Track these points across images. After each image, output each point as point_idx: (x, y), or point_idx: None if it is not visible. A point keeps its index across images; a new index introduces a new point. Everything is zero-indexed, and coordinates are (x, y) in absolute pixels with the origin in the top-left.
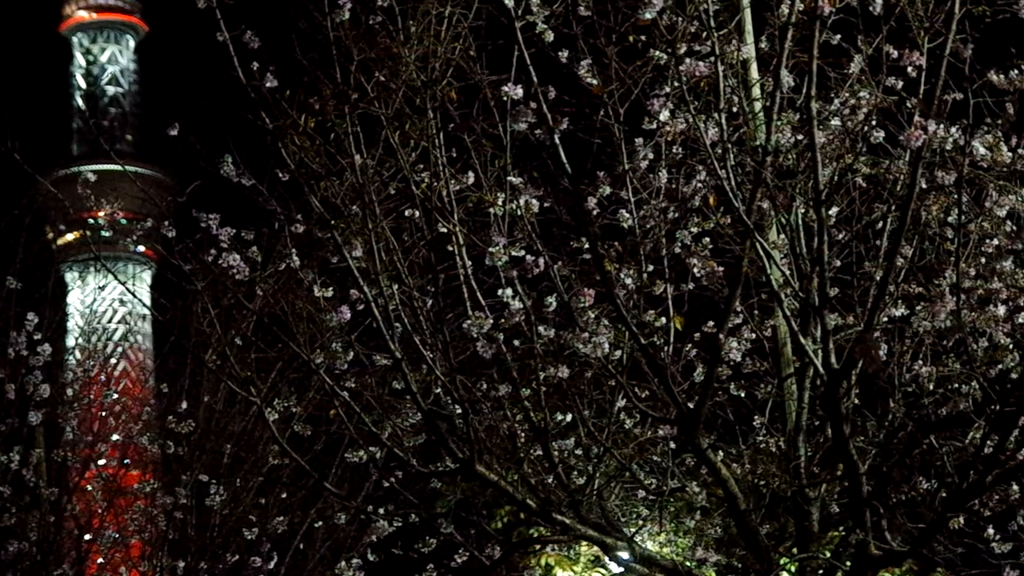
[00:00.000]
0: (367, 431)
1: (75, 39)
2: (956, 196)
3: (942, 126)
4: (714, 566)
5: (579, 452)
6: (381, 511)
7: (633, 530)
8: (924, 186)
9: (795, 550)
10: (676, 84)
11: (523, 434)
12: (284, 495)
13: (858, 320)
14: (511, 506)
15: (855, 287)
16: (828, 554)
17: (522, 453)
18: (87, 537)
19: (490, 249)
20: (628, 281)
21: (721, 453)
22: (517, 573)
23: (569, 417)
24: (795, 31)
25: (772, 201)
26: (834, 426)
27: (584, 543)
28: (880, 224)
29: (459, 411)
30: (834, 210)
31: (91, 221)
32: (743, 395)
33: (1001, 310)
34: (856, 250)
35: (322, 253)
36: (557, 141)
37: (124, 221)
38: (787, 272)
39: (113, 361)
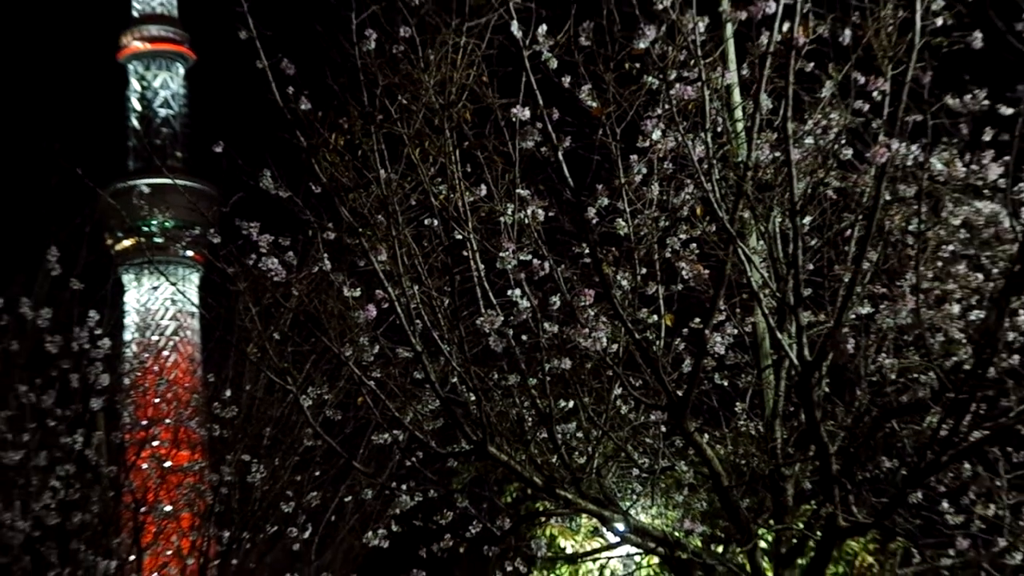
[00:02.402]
0: (391, 416)
1: (131, 67)
2: (916, 207)
3: (904, 144)
4: (700, 536)
5: (580, 435)
6: (403, 487)
7: (628, 504)
8: (888, 198)
9: (772, 522)
10: (667, 106)
11: (530, 419)
12: (317, 473)
13: (828, 317)
14: (519, 483)
15: (826, 288)
16: (801, 525)
17: (529, 436)
18: (143, 510)
19: (501, 254)
20: (624, 282)
21: (706, 436)
22: (524, 542)
23: (571, 404)
24: (773, 59)
25: (752, 211)
26: (807, 412)
27: (584, 516)
28: (848, 232)
29: (473, 398)
30: (807, 219)
31: (145, 229)
32: (726, 384)
33: (956, 308)
34: (827, 255)
35: (351, 257)
36: (560, 157)
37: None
38: (765, 274)
39: (165, 353)
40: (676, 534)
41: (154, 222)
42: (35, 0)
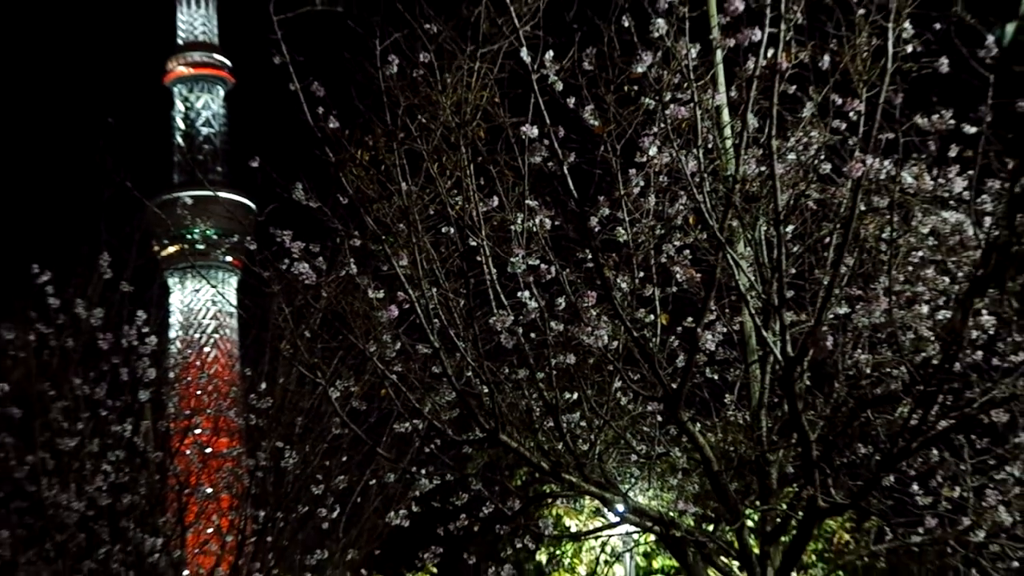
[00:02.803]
0: (411, 406)
1: (176, 89)
2: (889, 216)
3: (877, 160)
4: (692, 516)
5: (583, 424)
6: (422, 471)
7: (627, 487)
8: (863, 208)
9: (758, 503)
10: (662, 125)
11: (538, 409)
12: (344, 458)
13: (809, 317)
14: (528, 467)
15: (807, 290)
16: (784, 506)
17: (537, 425)
18: (186, 492)
19: (511, 259)
20: (623, 285)
21: (698, 425)
22: (533, 522)
23: (575, 396)
24: (758, 82)
25: (740, 220)
26: (790, 403)
27: (587, 498)
28: (827, 239)
29: (486, 391)
30: (790, 228)
31: (188, 237)
32: (716, 378)
33: (925, 309)
34: (808, 260)
35: (375, 262)
36: (565, 171)
37: (211, 233)
38: (752, 278)
39: (206, 350)
40: (671, 514)
41: (196, 230)
42: (90, 31)
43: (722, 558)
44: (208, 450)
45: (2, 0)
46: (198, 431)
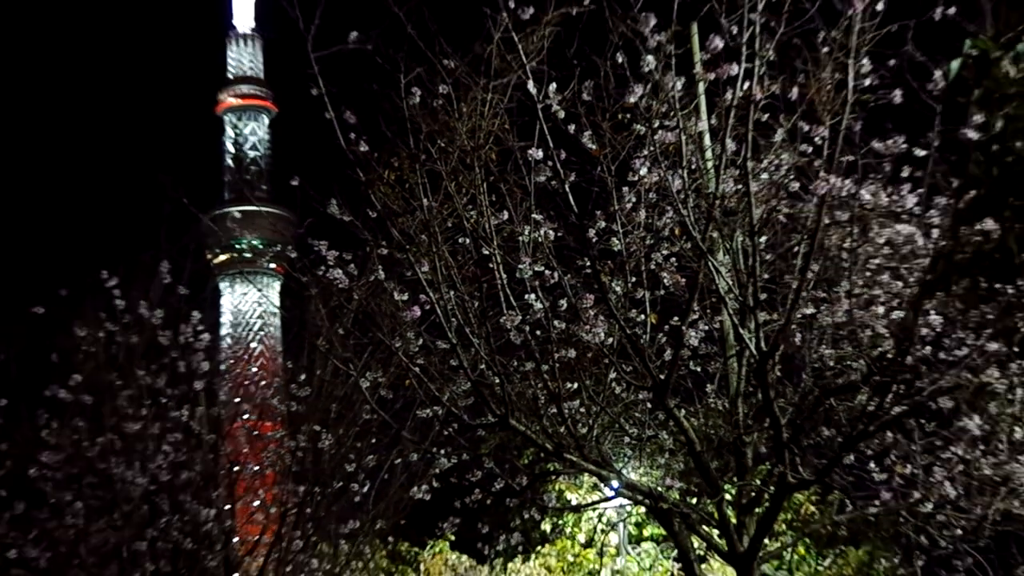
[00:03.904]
0: (432, 395)
1: (226, 118)
2: (849, 229)
3: (839, 179)
4: (678, 490)
5: (582, 410)
6: (442, 451)
7: (621, 465)
8: (827, 221)
9: (735, 479)
10: (651, 148)
11: (542, 397)
12: (373, 440)
13: (780, 316)
14: (534, 448)
15: (778, 293)
16: (758, 482)
17: (542, 411)
18: (235, 469)
19: (519, 266)
20: (617, 288)
21: (683, 411)
22: (538, 496)
23: (575, 385)
24: (736, 111)
25: (719, 232)
26: (763, 392)
27: (586, 475)
28: (796, 248)
29: (497, 381)
30: (763, 238)
31: (237, 246)
32: (699, 369)
33: (881, 309)
34: (779, 267)
35: (400, 269)
36: (567, 189)
37: (257, 243)
38: (730, 282)
39: (253, 345)
40: (659, 489)
41: (244, 241)
42: (152, 69)
43: (704, 527)
44: (255, 433)
45: (76, 46)
46: (246, 416)
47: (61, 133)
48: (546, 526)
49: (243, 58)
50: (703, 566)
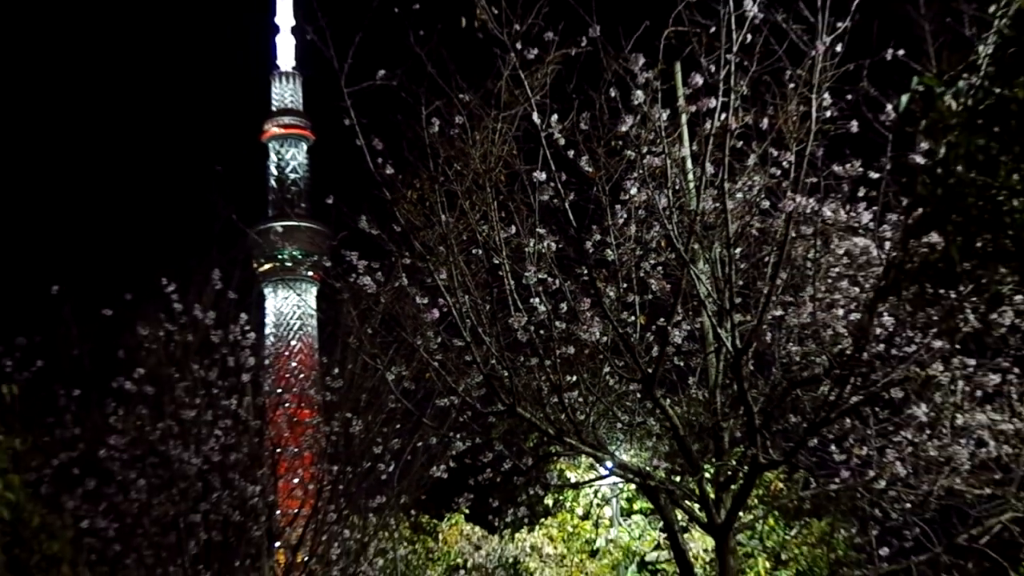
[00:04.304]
0: (449, 386)
1: (271, 145)
2: (813, 241)
3: (804, 198)
4: (664, 469)
5: (580, 400)
6: (457, 436)
7: (614, 448)
8: (793, 235)
9: (714, 459)
10: (640, 171)
11: (545, 388)
12: (398, 426)
13: (753, 317)
14: (538, 433)
15: (751, 297)
16: (734, 462)
17: (545, 400)
18: (278, 451)
19: (525, 273)
20: (611, 293)
21: (668, 400)
22: (542, 474)
23: (574, 378)
24: (714, 139)
25: (700, 244)
26: (738, 383)
27: (583, 456)
28: (766, 258)
29: (506, 374)
30: (738, 250)
31: (279, 257)
32: (682, 364)
33: (840, 312)
34: (751, 274)
35: (421, 276)
36: (566, 206)
37: (297, 253)
38: (709, 288)
39: (293, 343)
40: (647, 468)
41: (285, 252)
42: (208, 103)
43: (686, 501)
44: (294, 419)
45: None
46: (287, 405)
47: (127, 159)
48: (548, 501)
49: (285, 93)
50: (685, 535)
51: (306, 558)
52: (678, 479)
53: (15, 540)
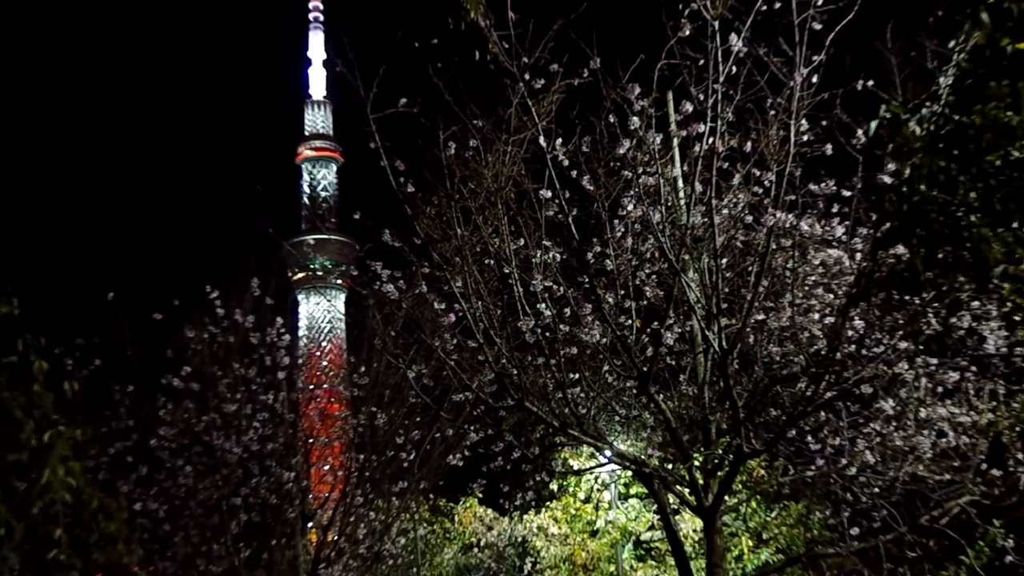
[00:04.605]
0: (464, 383)
1: (304, 166)
2: (791, 253)
3: (783, 214)
4: (657, 458)
5: (582, 395)
6: (471, 427)
7: (612, 438)
8: (774, 247)
9: (702, 449)
10: (636, 189)
11: (551, 385)
12: (418, 419)
13: (738, 321)
14: (544, 425)
15: (736, 303)
16: (720, 451)
17: (550, 396)
18: (310, 441)
19: (532, 281)
20: (610, 300)
21: (661, 395)
22: (547, 462)
23: (577, 376)
24: (702, 160)
25: (690, 255)
26: (724, 380)
27: (585, 446)
28: (749, 268)
29: (515, 372)
30: (724, 260)
31: (311, 266)
32: (674, 363)
33: (816, 316)
34: (736, 283)
35: (438, 284)
36: (570, 221)
37: (327, 263)
38: (698, 295)
39: (323, 344)
40: (642, 456)
41: (317, 262)
42: (248, 129)
43: (677, 486)
44: (325, 413)
45: (188, 115)
46: (318, 399)
47: (177, 179)
48: (553, 486)
49: (317, 119)
50: (676, 517)
51: (335, 537)
52: (670, 466)
53: (76, 521)
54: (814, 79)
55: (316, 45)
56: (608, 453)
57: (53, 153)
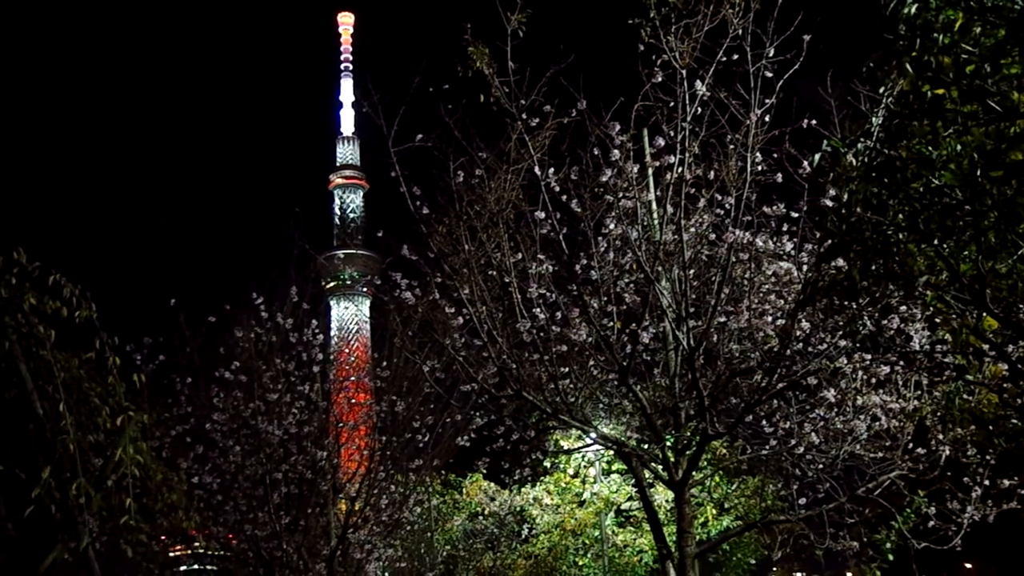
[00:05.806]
0: (470, 376)
1: (335, 192)
2: (749, 264)
3: (741, 232)
4: (635, 439)
5: (571, 386)
6: (477, 414)
7: (597, 423)
8: (734, 260)
9: (673, 431)
10: (617, 211)
11: (545, 377)
12: (432, 406)
13: (703, 323)
14: (539, 412)
15: (702, 307)
16: (689, 433)
17: (544, 387)
18: (340, 425)
19: (529, 289)
20: (595, 304)
21: (639, 386)
22: (542, 443)
23: (567, 370)
24: (673, 187)
25: (662, 267)
26: (692, 373)
27: (574, 429)
28: (713, 278)
29: (514, 366)
30: (692, 271)
31: (342, 277)
32: (649, 359)
33: (769, 319)
34: (702, 290)
35: (449, 292)
36: (560, 238)
37: (355, 274)
38: (670, 300)
39: (351, 342)
40: (623, 438)
41: (346, 273)
42: (289, 162)
43: (652, 463)
44: (352, 401)
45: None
46: (347, 390)
47: (230, 204)
48: (547, 463)
49: (347, 152)
50: (651, 490)
51: (362, 506)
52: (646, 446)
53: (144, 492)
54: (767, 118)
55: (346, 90)
56: (593, 435)
57: (139, 188)
